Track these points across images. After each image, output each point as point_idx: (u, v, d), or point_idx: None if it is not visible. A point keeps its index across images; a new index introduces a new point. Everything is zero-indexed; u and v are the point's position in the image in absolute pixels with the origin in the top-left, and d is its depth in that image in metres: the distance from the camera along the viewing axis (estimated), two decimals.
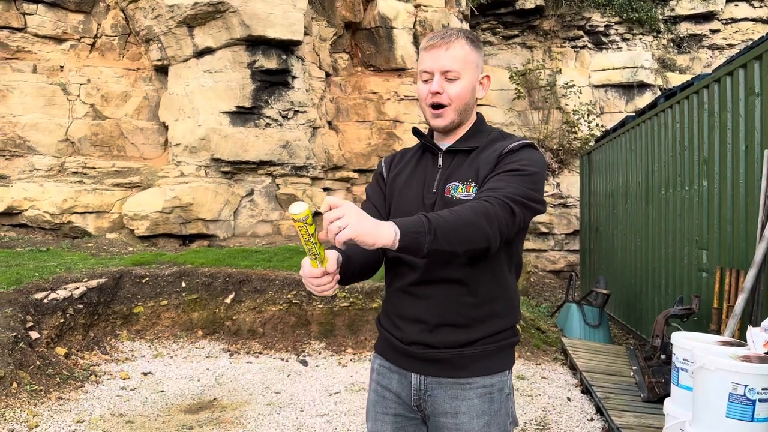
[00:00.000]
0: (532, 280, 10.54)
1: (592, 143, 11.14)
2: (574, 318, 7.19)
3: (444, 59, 1.68)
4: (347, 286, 6.57)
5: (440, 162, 1.76)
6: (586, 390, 5.05)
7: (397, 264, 1.77)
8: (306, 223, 1.39)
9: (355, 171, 9.92)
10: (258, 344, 6.21)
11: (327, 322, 6.44)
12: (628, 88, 12.71)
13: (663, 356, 4.80)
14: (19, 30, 8.86)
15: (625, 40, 12.98)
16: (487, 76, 1.77)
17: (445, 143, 1.78)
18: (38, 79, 8.79)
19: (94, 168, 8.68)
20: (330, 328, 6.42)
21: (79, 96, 8.86)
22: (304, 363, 5.85)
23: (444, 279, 1.68)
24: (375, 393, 1.85)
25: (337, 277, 1.54)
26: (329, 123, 9.81)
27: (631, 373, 5.22)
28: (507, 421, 1.75)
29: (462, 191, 1.66)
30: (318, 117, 9.19)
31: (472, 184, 1.65)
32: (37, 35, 8.93)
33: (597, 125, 11.97)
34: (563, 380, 5.53)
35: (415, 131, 1.84)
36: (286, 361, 5.89)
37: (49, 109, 8.70)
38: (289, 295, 6.55)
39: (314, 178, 9.18)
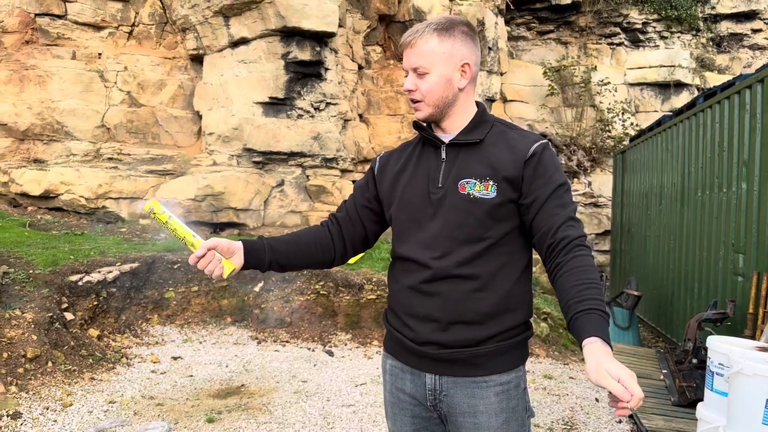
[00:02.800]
0: None
1: (626, 142, 10.96)
2: None
3: (412, 56, 1.68)
4: (373, 278, 6.59)
5: (443, 155, 1.73)
6: None
7: (406, 261, 1.75)
8: (155, 216, 1.64)
9: None
10: (285, 333, 6.27)
11: (353, 313, 6.46)
12: (665, 87, 12.46)
13: (695, 360, 4.71)
14: (59, 17, 9.03)
15: (663, 38, 12.72)
16: (468, 64, 1.70)
17: (446, 136, 1.75)
18: (77, 65, 8.95)
19: (129, 154, 8.83)
20: (356, 319, 6.45)
21: (115, 83, 9.01)
22: (330, 353, 5.88)
23: (456, 275, 1.65)
24: (390, 394, 1.83)
25: (217, 257, 1.69)
26: (360, 115, 9.82)
27: (661, 377, 5.14)
28: (525, 416, 1.73)
29: (480, 189, 1.64)
30: (349, 109, 9.20)
31: (491, 183, 1.64)
32: (76, 22, 9.09)
33: (631, 124, 11.77)
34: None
35: (416, 125, 1.81)
36: (313, 350, 5.94)
37: (87, 96, 8.86)
38: (317, 286, 6.59)
39: (344, 170, 9.20)
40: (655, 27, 12.66)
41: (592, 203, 11.86)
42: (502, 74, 11.10)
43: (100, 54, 9.12)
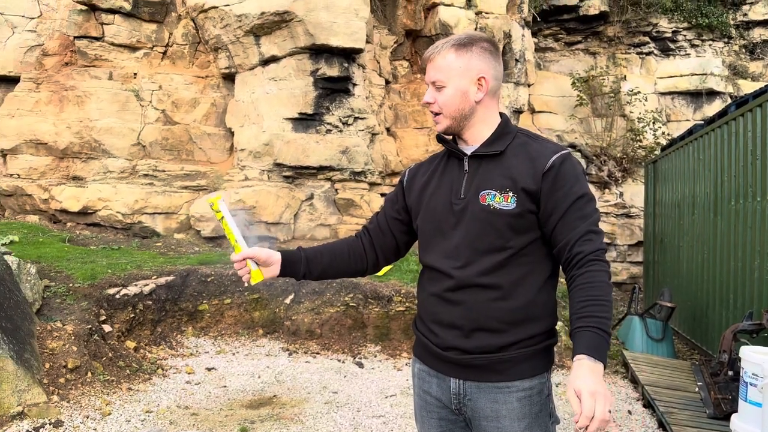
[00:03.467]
0: None
1: (657, 152, 10.83)
2: (636, 331, 7.01)
3: (431, 71, 1.79)
4: (402, 289, 6.63)
5: (466, 167, 1.78)
6: (648, 404, 4.92)
7: (431, 270, 1.81)
8: (213, 211, 1.86)
9: None
10: (316, 345, 6.34)
11: (383, 325, 6.51)
12: (697, 96, 12.29)
13: (730, 372, 4.63)
14: (97, 39, 9.36)
15: (693, 46, 12.56)
16: (484, 77, 1.75)
17: (469, 148, 1.80)
18: (113, 85, 9.25)
19: (164, 171, 9.06)
20: (386, 331, 6.49)
21: (151, 102, 9.28)
22: (360, 365, 5.93)
23: (479, 284, 1.70)
24: (418, 397, 1.89)
25: (246, 268, 1.84)
26: (387, 129, 9.91)
27: (696, 389, 5.06)
28: (548, 422, 1.76)
29: (500, 200, 1.68)
30: (377, 123, 9.30)
31: (511, 194, 1.68)
32: (113, 44, 9.41)
33: (663, 133, 11.62)
34: (624, 393, 5.41)
35: (440, 138, 1.87)
36: (343, 362, 5.99)
37: (123, 114, 9.14)
38: (346, 298, 6.66)
39: (372, 184, 9.29)
40: (685, 35, 12.52)
41: (624, 214, 11.71)
42: (529, 86, 11.10)
43: (135, 74, 9.41)
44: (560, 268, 1.77)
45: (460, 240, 1.72)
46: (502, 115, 1.83)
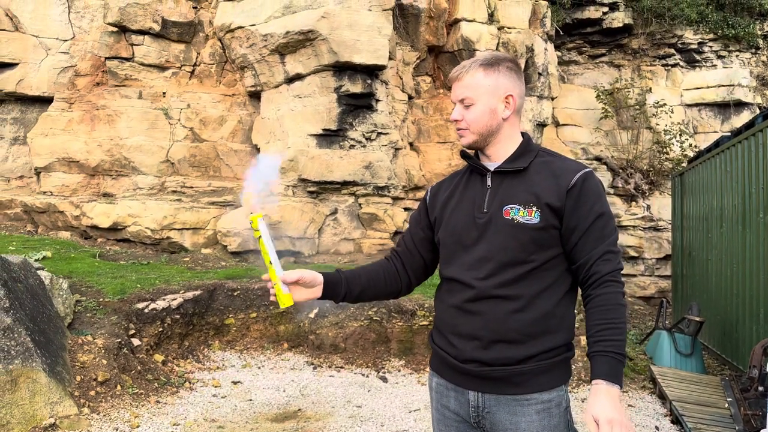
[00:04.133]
0: None
1: (684, 164, 10.70)
2: (664, 346, 6.90)
3: (459, 89, 1.83)
4: (425, 303, 6.64)
5: (489, 182, 1.82)
6: (676, 420, 4.85)
7: (450, 282, 1.84)
8: (252, 228, 1.85)
9: None
10: (340, 359, 6.37)
11: (406, 339, 6.52)
12: (724, 107, 12.13)
13: (761, 388, 4.54)
14: (127, 59, 9.62)
15: (720, 57, 12.42)
16: (511, 95, 1.81)
17: (492, 164, 1.85)
18: (143, 104, 9.50)
19: (192, 187, 9.24)
20: (409, 346, 6.49)
21: (179, 120, 9.50)
22: (384, 379, 5.94)
23: (499, 296, 1.73)
24: (437, 411, 1.91)
25: (280, 291, 1.81)
26: (410, 144, 9.98)
27: (726, 405, 4.96)
28: None
29: (524, 215, 1.72)
30: (400, 138, 9.38)
31: (534, 209, 1.72)
32: (142, 64, 9.67)
33: (690, 145, 11.49)
34: (651, 409, 5.33)
35: (463, 154, 1.94)
36: (367, 376, 6.01)
37: (152, 132, 9.36)
38: (370, 312, 6.69)
39: (395, 198, 9.35)
40: (711, 46, 12.39)
41: (652, 227, 11.57)
42: (553, 99, 11.09)
43: (164, 93, 9.65)
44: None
45: (483, 252, 1.76)
46: (523, 133, 1.89)
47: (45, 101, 9.86)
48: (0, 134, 10.06)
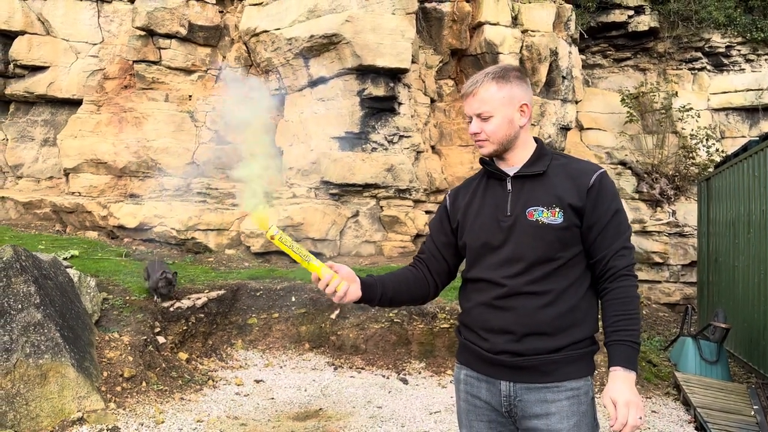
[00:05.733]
0: (644, 312, 10.06)
1: (711, 169, 10.55)
2: (689, 353, 6.81)
3: (474, 103, 1.91)
4: (446, 306, 6.64)
5: (509, 187, 1.91)
6: (701, 427, 4.78)
7: (477, 282, 1.93)
8: (278, 240, 1.87)
9: None
10: (360, 360, 6.40)
11: (427, 342, 6.52)
12: (752, 112, 11.94)
13: None
14: (154, 63, 9.79)
15: (748, 61, 12.22)
16: (527, 104, 1.91)
17: (510, 169, 1.94)
18: (169, 107, 9.65)
19: (216, 189, 9.37)
20: (430, 348, 6.50)
21: (204, 123, 9.63)
22: (405, 381, 5.96)
23: (529, 292, 1.82)
24: (465, 402, 1.97)
25: (336, 282, 1.83)
26: (432, 147, 9.99)
27: (752, 413, 4.89)
28: (593, 423, 1.86)
29: (548, 215, 1.82)
30: (422, 141, 9.40)
31: (557, 210, 1.82)
32: (169, 67, 9.82)
33: (717, 150, 11.32)
34: (675, 415, 5.27)
35: (482, 160, 2.02)
36: (387, 378, 6.03)
37: (178, 135, 9.51)
38: (391, 314, 6.71)
39: (417, 201, 9.36)
40: (739, 50, 12.20)
41: (677, 233, 11.41)
42: (577, 102, 11.01)
43: (190, 96, 9.79)
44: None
45: (511, 253, 1.85)
46: (536, 138, 1.99)
47: (74, 103, 10.07)
48: (31, 136, 10.30)
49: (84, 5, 10.17)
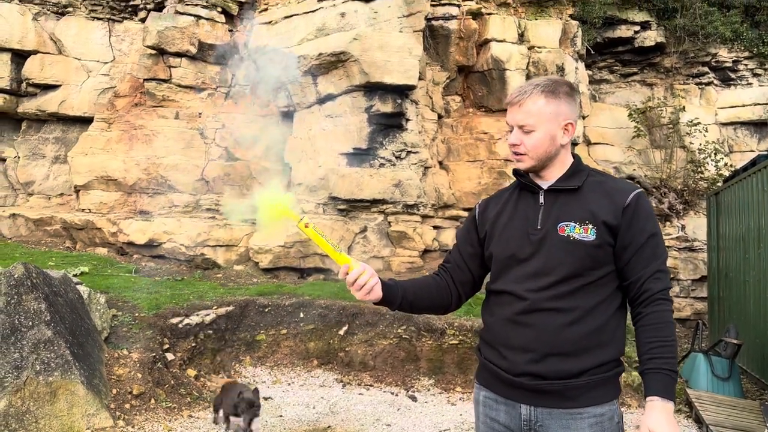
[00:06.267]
0: None
1: (719, 183, 10.51)
2: (701, 369, 6.74)
3: (518, 114, 1.84)
4: (455, 322, 6.62)
5: (542, 200, 1.85)
6: None
7: (500, 294, 1.86)
8: (307, 229, 1.86)
9: (464, 209, 10.00)
10: (369, 377, 6.38)
11: (436, 358, 6.50)
12: (761, 126, 11.91)
13: None
14: (165, 81, 9.90)
15: (755, 75, 12.22)
16: (572, 123, 1.85)
17: (544, 182, 1.88)
18: (179, 124, 9.74)
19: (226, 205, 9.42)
20: (439, 365, 6.47)
21: (214, 140, 9.71)
22: (414, 398, 5.93)
23: (552, 308, 1.76)
24: (484, 425, 1.91)
25: (364, 278, 1.81)
26: (440, 162, 10.02)
27: (765, 431, 4.82)
28: None
29: (579, 232, 1.76)
30: (429, 157, 9.43)
31: (590, 226, 1.76)
32: (180, 85, 9.93)
33: (725, 164, 11.28)
34: None
35: (516, 172, 1.96)
36: (396, 395, 6.01)
37: (188, 152, 9.59)
38: (399, 330, 6.70)
39: (424, 216, 9.37)
40: (747, 65, 12.21)
41: (687, 247, 11.34)
42: (584, 117, 11.03)
43: (200, 113, 9.89)
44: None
45: (538, 267, 1.80)
46: (574, 154, 1.93)
47: (85, 121, 10.19)
48: (42, 153, 10.42)
49: (96, 25, 10.33)
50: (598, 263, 1.76)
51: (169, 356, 5.85)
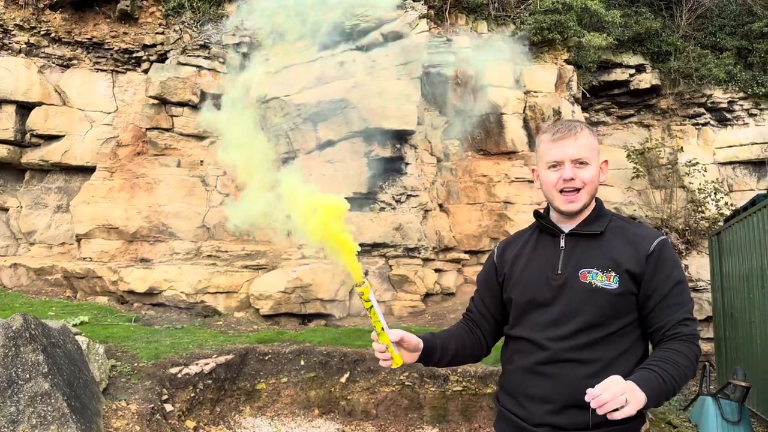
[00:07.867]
0: None
1: (721, 223, 10.51)
2: (710, 413, 6.59)
3: (574, 148, 1.79)
4: (458, 368, 6.52)
5: (563, 244, 1.81)
6: None
7: (519, 341, 1.83)
8: (362, 298, 1.82)
9: (465, 252, 9.99)
10: (371, 426, 6.25)
11: (440, 406, 6.37)
12: (759, 165, 11.98)
13: None
14: (167, 130, 10.04)
15: (751, 115, 12.37)
16: (606, 161, 1.86)
17: (566, 226, 1.84)
18: (181, 172, 9.83)
19: (226, 251, 9.41)
20: (443, 413, 6.35)
21: (215, 187, 9.78)
22: None
23: (573, 359, 1.72)
24: None
25: (393, 353, 1.78)
26: (440, 205, 10.06)
27: None
28: None
29: (602, 279, 1.72)
30: (429, 200, 9.48)
31: (613, 274, 1.72)
32: (181, 134, 10.06)
33: (726, 204, 11.30)
34: None
35: (537, 214, 1.92)
36: None
37: (189, 199, 9.64)
38: (401, 377, 6.59)
39: (426, 259, 9.35)
40: (742, 105, 12.37)
41: (691, 288, 11.25)
42: None
43: (201, 161, 9.98)
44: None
45: (558, 315, 1.75)
46: (597, 199, 1.90)
47: (88, 170, 10.29)
48: (44, 203, 10.49)
49: (99, 76, 10.53)
50: (620, 312, 1.72)
51: (168, 407, 5.75)
